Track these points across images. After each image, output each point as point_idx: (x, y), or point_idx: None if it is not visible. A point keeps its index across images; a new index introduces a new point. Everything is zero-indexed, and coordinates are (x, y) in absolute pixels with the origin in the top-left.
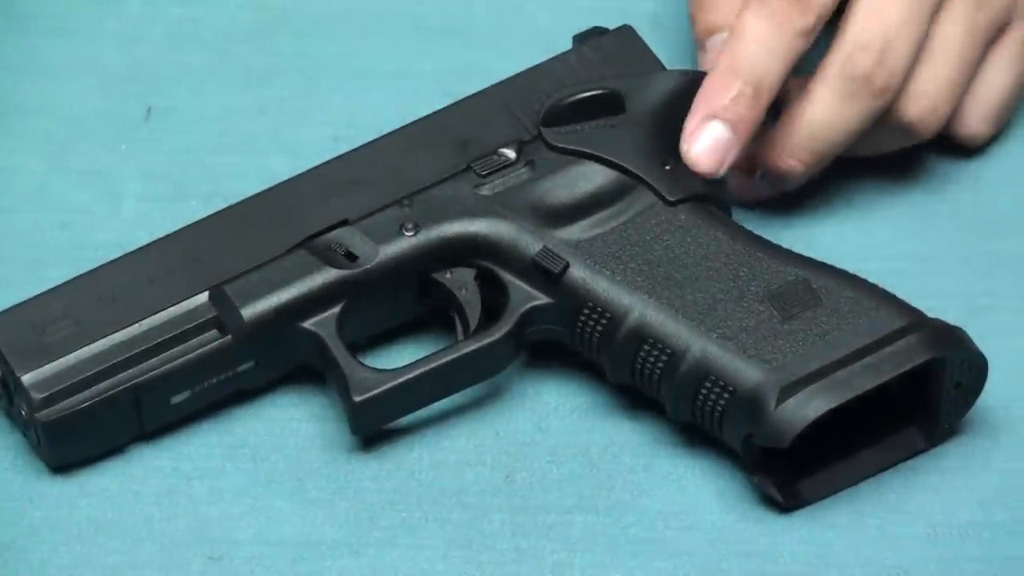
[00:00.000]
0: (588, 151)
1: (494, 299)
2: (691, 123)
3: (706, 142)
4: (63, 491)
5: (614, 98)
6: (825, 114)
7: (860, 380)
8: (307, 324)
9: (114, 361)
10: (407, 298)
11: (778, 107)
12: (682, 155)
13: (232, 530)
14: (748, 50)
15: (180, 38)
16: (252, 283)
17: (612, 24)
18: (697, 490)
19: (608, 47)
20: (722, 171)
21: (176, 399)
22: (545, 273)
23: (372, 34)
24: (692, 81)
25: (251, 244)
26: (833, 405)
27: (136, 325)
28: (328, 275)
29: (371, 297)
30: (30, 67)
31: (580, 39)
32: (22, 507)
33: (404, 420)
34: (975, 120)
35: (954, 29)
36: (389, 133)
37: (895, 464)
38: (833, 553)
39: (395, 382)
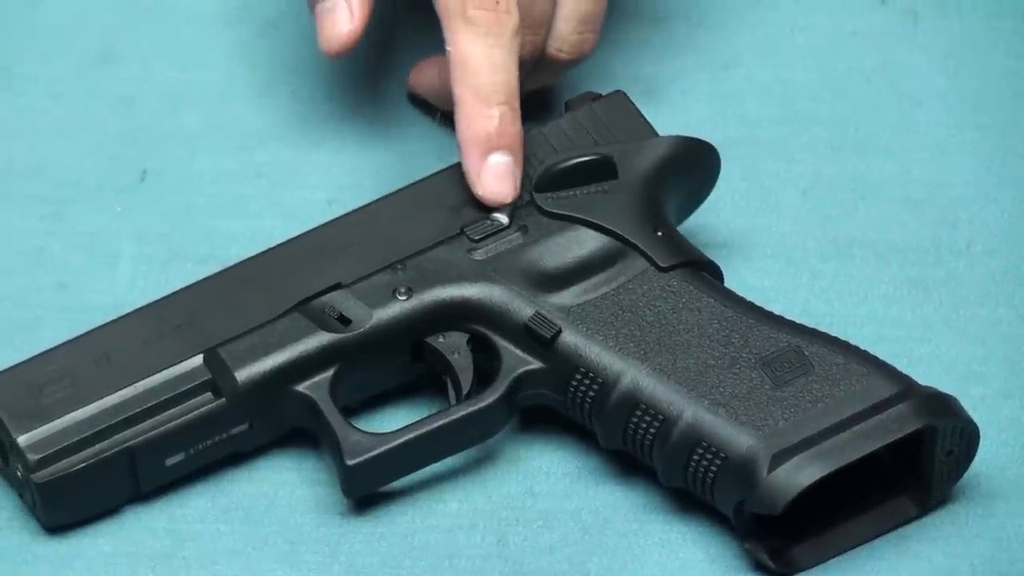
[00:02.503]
0: (581, 217)
1: (487, 363)
2: (472, 166)
3: (496, 177)
4: (58, 552)
5: (607, 164)
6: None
7: (852, 448)
8: (300, 387)
9: (109, 423)
10: (400, 362)
11: None
12: (478, 198)
13: None
14: (483, 75)
15: (176, 100)
16: (246, 346)
17: (605, 89)
18: (689, 556)
19: (601, 112)
20: (517, 192)
21: (171, 461)
22: (537, 338)
23: (368, 99)
24: (685, 147)
25: (245, 307)
26: (825, 473)
27: (131, 387)
28: (322, 339)
29: (364, 361)
30: (27, 129)
31: (573, 104)
32: (17, 568)
33: (397, 483)
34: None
35: None
36: (383, 197)
37: (887, 532)
38: None
39: (388, 446)
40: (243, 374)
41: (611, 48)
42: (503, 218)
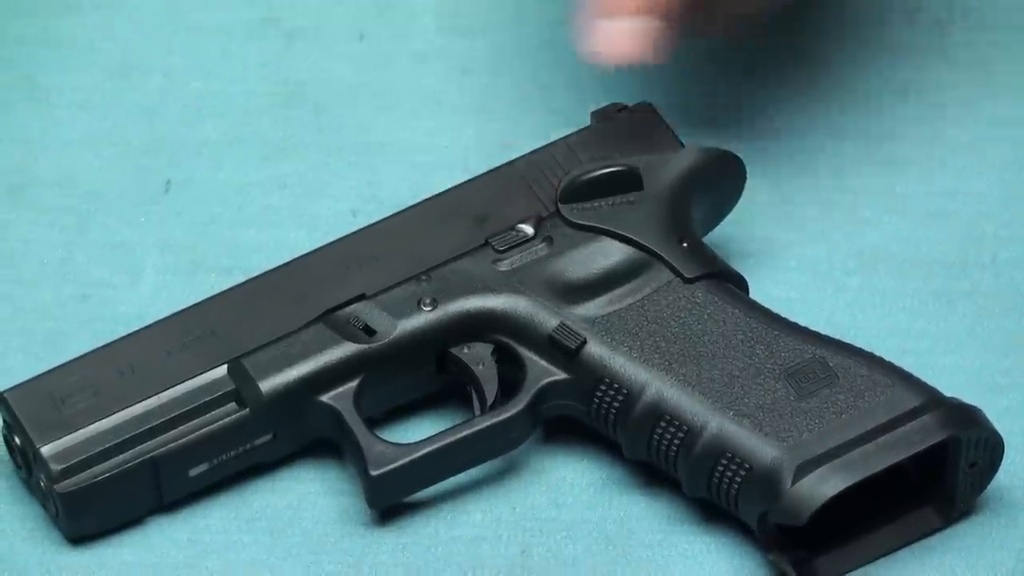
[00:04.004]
0: (606, 228)
1: (511, 374)
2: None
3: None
4: (81, 562)
5: (632, 175)
6: None
7: (876, 459)
8: (325, 398)
9: (133, 433)
10: (424, 373)
11: None
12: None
13: None
14: None
15: (199, 112)
16: (270, 357)
17: (631, 100)
18: (713, 567)
19: (627, 123)
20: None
21: (194, 471)
22: (562, 349)
23: (391, 108)
24: (711, 159)
25: (269, 318)
26: (849, 484)
27: (155, 398)
28: (346, 349)
29: (389, 371)
30: (51, 140)
31: (599, 115)
32: None
33: (421, 494)
34: None
35: None
36: (407, 208)
37: (911, 543)
38: None
39: (412, 457)
40: (267, 384)
41: None
42: (528, 229)
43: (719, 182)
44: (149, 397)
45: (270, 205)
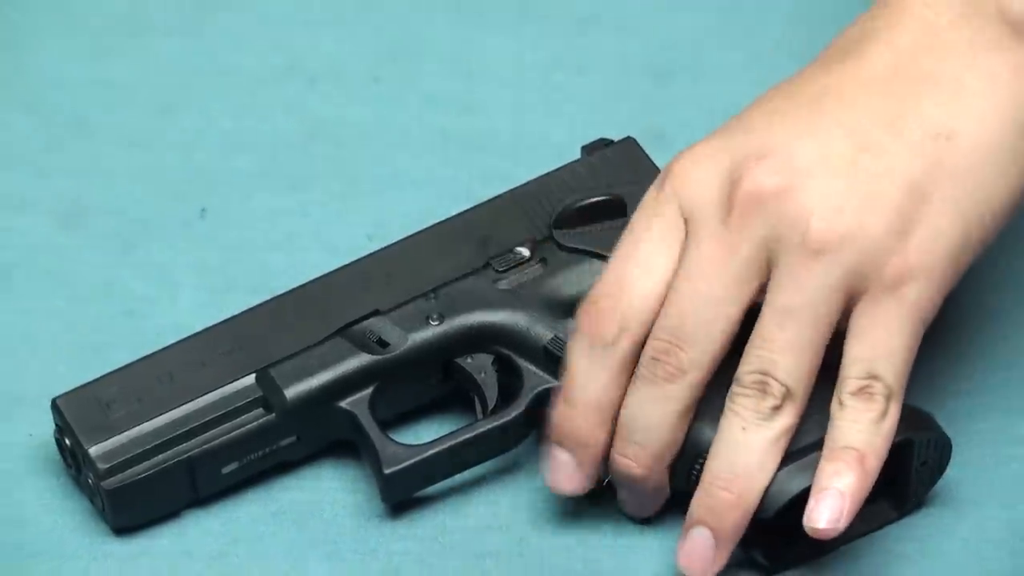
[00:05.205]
0: (595, 250)
1: (510, 382)
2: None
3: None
4: (124, 551)
5: (618, 203)
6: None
7: None
8: (343, 404)
9: (171, 435)
10: (432, 380)
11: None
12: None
13: None
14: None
15: (232, 146)
16: (294, 367)
17: (617, 136)
18: None
19: (613, 157)
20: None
21: (226, 469)
22: (556, 359)
23: (403, 145)
24: None
25: (293, 332)
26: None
27: (191, 403)
28: (362, 360)
29: (400, 379)
30: (99, 172)
31: (588, 150)
32: (88, 565)
33: (429, 489)
34: None
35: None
36: (417, 232)
37: (869, 532)
38: None
39: (422, 456)
40: (291, 392)
41: (622, 99)
42: (525, 251)
43: None
44: (186, 403)
45: (294, 231)
